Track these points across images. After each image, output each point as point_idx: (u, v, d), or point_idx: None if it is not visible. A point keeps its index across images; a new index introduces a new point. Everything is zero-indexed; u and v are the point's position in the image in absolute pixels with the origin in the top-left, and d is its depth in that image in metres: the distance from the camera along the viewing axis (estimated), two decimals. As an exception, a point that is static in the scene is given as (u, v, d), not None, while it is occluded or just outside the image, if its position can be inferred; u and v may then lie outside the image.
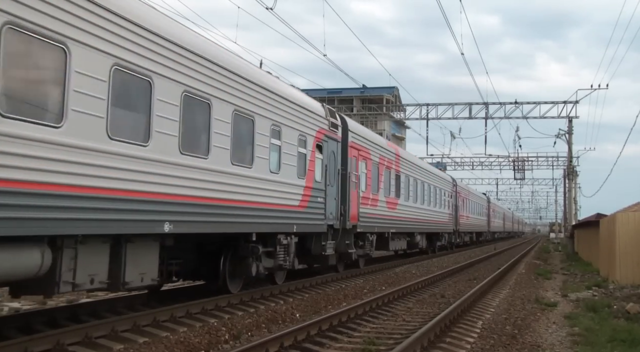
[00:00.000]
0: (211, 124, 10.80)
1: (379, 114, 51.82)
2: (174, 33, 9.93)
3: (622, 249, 19.13)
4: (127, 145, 8.68)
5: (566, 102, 38.55)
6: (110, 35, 8.38)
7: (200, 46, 10.66)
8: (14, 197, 6.84)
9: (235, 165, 11.59)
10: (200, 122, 10.59)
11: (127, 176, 8.66)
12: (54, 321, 9.61)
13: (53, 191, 7.37)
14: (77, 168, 7.73)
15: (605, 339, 9.88)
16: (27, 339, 7.90)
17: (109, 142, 8.32)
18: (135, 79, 8.89)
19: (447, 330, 10.23)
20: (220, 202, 11.06)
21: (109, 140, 8.31)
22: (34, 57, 7.40)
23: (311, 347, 8.86)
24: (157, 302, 11.89)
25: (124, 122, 8.73)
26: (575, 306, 14.48)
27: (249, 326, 10.26)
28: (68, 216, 7.62)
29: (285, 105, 13.74)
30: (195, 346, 8.69)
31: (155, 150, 9.28)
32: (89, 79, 7.96)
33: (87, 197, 7.90)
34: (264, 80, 13.10)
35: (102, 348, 8.39)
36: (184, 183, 9.95)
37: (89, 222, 7.99)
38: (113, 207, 8.38)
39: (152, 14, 9.63)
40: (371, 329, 10.52)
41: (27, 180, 7.00)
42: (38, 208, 7.17)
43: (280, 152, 13.42)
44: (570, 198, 48.15)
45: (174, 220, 9.65)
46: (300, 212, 14.49)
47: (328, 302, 13.46)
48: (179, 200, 9.77)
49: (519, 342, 9.65)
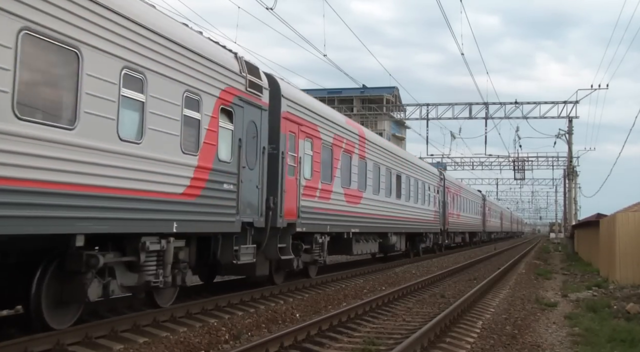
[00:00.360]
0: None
1: (379, 114, 51.81)
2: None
3: (622, 249, 19.13)
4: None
5: (566, 102, 38.60)
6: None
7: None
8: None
9: (24, 120, 7.03)
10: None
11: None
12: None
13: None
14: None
15: (605, 339, 9.88)
16: (27, 339, 7.89)
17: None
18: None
19: (447, 330, 10.23)
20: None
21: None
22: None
23: (311, 347, 8.86)
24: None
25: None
26: (575, 306, 14.48)
27: (249, 326, 10.27)
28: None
29: (155, 42, 9.48)
30: (195, 346, 8.69)
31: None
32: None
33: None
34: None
35: (102, 348, 8.39)
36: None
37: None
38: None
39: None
40: (371, 329, 10.52)
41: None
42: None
43: (143, 111, 9.22)
44: (570, 198, 48.19)
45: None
46: (188, 203, 10.29)
47: (328, 302, 13.47)
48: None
49: (519, 342, 9.66)
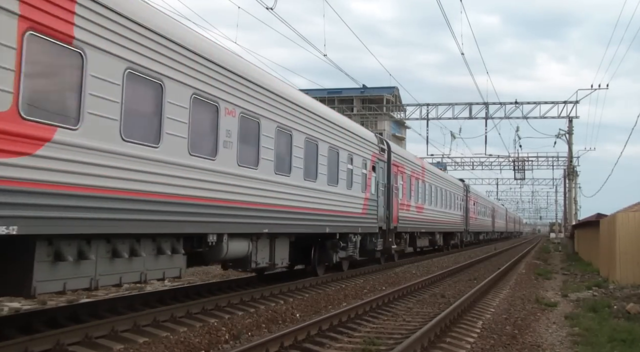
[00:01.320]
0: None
1: (379, 114, 51.82)
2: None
3: (622, 249, 19.12)
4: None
5: (566, 102, 38.59)
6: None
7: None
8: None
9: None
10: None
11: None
12: (54, 321, 9.58)
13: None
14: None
15: (605, 339, 9.88)
16: (27, 339, 7.89)
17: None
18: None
19: (447, 330, 10.23)
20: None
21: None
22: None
23: (311, 347, 8.86)
24: (158, 301, 11.90)
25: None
26: (575, 306, 14.47)
27: (249, 326, 10.26)
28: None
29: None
30: (195, 346, 8.69)
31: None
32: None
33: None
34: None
35: (102, 348, 8.38)
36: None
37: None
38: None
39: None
40: (371, 329, 10.52)
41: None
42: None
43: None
44: (570, 198, 48.16)
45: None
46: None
47: (328, 302, 13.46)
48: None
49: (519, 342, 9.65)
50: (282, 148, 13.56)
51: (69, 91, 7.66)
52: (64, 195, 7.47)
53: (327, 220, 16.13)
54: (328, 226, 16.19)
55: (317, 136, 15.43)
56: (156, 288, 14.41)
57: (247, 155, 11.93)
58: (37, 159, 7.11)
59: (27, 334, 8.49)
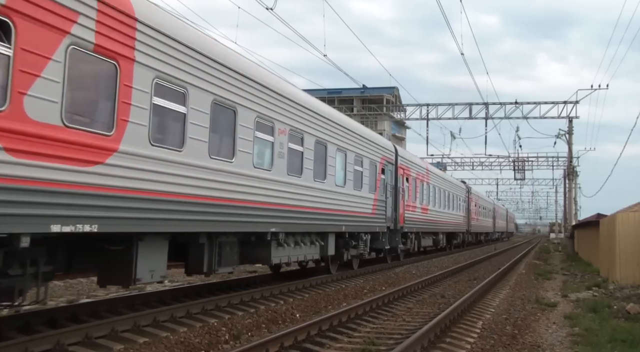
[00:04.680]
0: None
1: (379, 114, 51.83)
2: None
3: (622, 249, 19.12)
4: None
5: (566, 102, 38.58)
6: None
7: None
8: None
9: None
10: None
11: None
12: (54, 321, 9.59)
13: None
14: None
15: (605, 339, 9.88)
16: (27, 339, 7.90)
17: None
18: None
19: (447, 330, 10.23)
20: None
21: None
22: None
23: (311, 347, 8.86)
24: (157, 302, 11.90)
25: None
26: (575, 306, 14.47)
27: (249, 326, 10.27)
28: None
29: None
30: (195, 346, 8.69)
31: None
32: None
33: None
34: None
35: (102, 348, 8.39)
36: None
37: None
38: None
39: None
40: (371, 329, 10.52)
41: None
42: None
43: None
44: (570, 198, 48.15)
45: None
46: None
47: (328, 303, 13.46)
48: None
49: (519, 343, 9.65)
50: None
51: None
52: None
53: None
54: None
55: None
56: (156, 288, 14.41)
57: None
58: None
59: (27, 334, 8.50)
